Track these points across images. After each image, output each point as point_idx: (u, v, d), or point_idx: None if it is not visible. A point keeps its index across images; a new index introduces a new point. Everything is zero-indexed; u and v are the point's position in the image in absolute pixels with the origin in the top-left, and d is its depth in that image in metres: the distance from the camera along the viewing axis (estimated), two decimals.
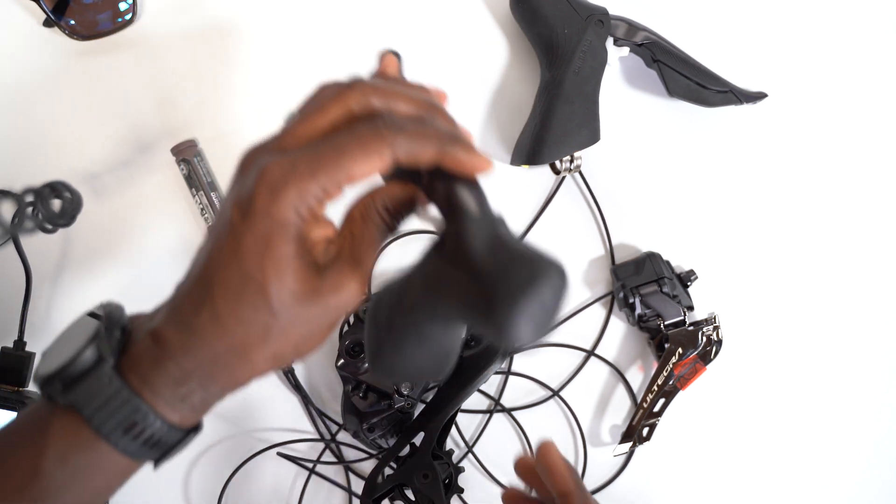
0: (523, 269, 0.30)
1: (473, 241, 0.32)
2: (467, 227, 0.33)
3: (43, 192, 0.50)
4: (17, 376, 0.56)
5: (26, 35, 0.61)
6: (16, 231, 0.51)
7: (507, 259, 0.31)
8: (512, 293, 0.30)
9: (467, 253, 0.32)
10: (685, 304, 0.61)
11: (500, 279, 0.30)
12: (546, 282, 0.30)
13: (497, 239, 0.32)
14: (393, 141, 0.34)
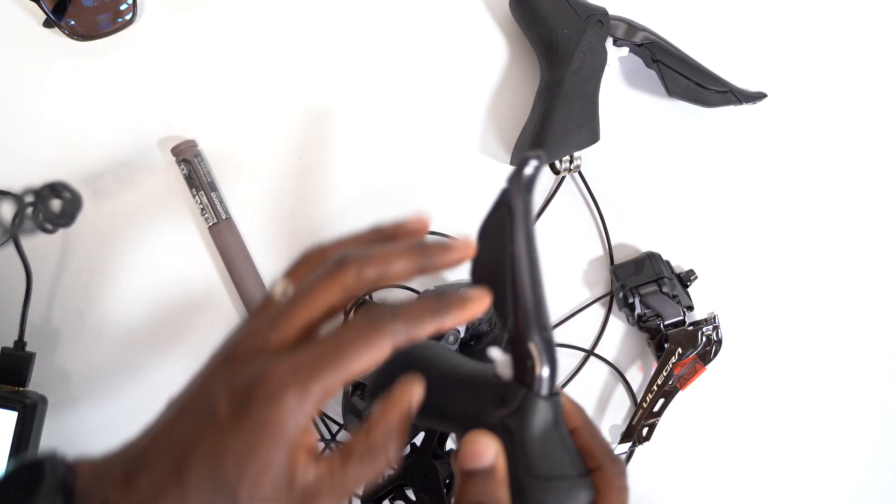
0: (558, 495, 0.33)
1: (528, 438, 0.34)
2: (528, 420, 0.34)
3: (43, 192, 0.50)
4: (17, 376, 0.56)
5: (26, 35, 0.61)
6: (16, 231, 0.51)
7: (552, 473, 0.33)
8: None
9: (520, 442, 0.34)
10: (685, 304, 0.61)
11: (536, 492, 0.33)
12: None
13: (549, 445, 0.34)
14: (392, 329, 0.33)
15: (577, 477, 0.34)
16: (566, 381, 0.63)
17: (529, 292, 0.34)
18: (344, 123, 0.62)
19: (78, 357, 0.60)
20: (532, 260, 0.34)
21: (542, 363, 0.34)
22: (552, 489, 0.33)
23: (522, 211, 0.35)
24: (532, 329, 0.34)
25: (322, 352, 0.33)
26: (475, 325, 0.57)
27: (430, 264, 0.35)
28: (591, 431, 0.38)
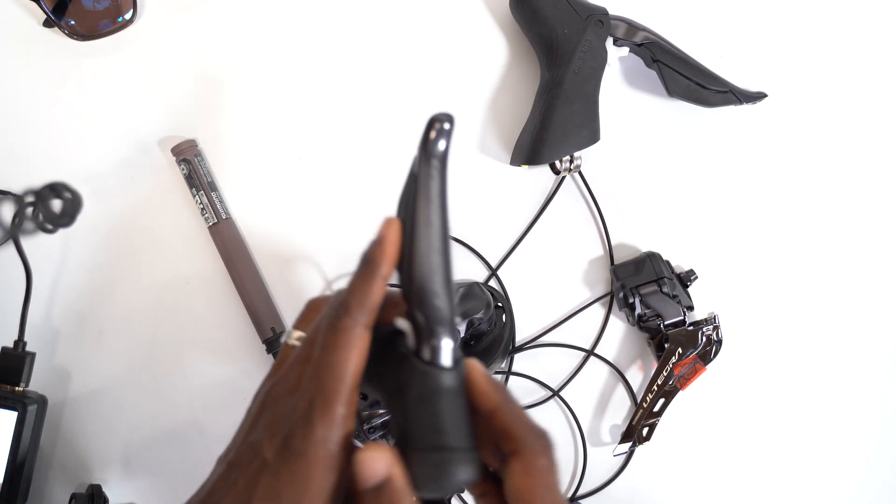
0: (429, 463, 0.32)
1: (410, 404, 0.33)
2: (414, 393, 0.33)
3: (43, 192, 0.50)
4: (17, 376, 0.56)
5: (26, 35, 0.61)
6: (16, 232, 0.51)
7: (425, 444, 0.32)
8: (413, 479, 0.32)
9: (403, 409, 0.33)
10: (685, 304, 0.61)
11: (413, 451, 0.32)
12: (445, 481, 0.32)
13: (432, 411, 0.33)
14: (351, 320, 0.34)
15: (453, 450, 0.32)
16: (567, 382, 0.63)
17: (423, 258, 0.33)
18: (344, 123, 0.62)
19: (78, 357, 0.60)
20: (429, 224, 0.33)
21: (428, 331, 0.33)
22: (424, 462, 0.32)
23: (425, 176, 0.34)
24: (422, 295, 0.33)
25: (318, 375, 0.34)
26: (475, 325, 0.57)
27: (381, 267, 0.35)
28: (511, 410, 0.35)
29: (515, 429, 0.34)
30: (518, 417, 0.34)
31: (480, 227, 0.63)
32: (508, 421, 0.34)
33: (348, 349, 0.34)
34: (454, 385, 0.33)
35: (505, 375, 0.63)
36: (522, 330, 0.63)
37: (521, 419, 0.34)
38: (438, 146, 0.33)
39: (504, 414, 0.34)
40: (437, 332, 0.33)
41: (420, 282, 0.33)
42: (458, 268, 0.63)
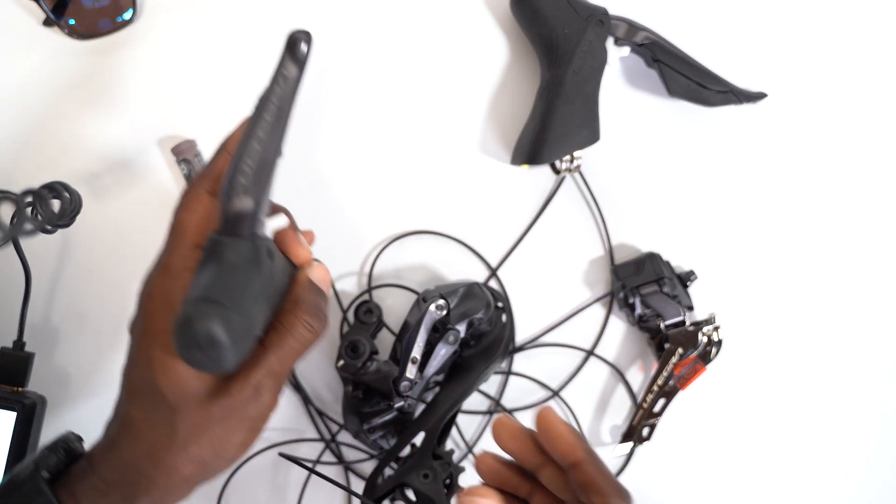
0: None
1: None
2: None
3: (42, 192, 0.50)
4: (16, 377, 0.56)
5: (26, 35, 0.61)
6: (15, 233, 0.51)
7: (191, 296, 0.34)
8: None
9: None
10: (685, 304, 0.61)
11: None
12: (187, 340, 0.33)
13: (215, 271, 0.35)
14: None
15: (211, 302, 0.33)
16: (567, 382, 0.63)
17: (242, 140, 0.36)
18: (344, 122, 0.62)
19: (78, 357, 0.61)
20: (258, 114, 0.36)
21: (222, 203, 0.36)
22: (184, 308, 0.33)
23: (276, 76, 0.37)
24: (228, 171, 0.36)
25: (169, 230, 0.41)
26: (475, 325, 0.57)
27: (224, 146, 0.41)
28: (596, 464, 0.39)
29: (601, 484, 0.38)
30: (603, 472, 0.38)
31: (480, 227, 0.63)
32: (594, 475, 0.38)
33: (189, 209, 0.39)
34: (241, 255, 0.35)
35: (505, 375, 0.63)
36: (522, 330, 0.63)
37: (605, 474, 0.38)
38: (299, 52, 0.36)
39: (589, 467, 0.38)
40: (228, 204, 0.36)
41: (234, 163, 0.36)
42: (459, 268, 0.63)
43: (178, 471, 0.39)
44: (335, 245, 0.62)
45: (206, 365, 0.34)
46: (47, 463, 0.40)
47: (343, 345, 0.56)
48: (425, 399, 0.59)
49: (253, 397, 0.39)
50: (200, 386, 0.38)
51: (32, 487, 0.39)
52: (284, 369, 0.40)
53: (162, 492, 0.39)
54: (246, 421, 0.39)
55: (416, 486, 0.55)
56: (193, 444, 0.38)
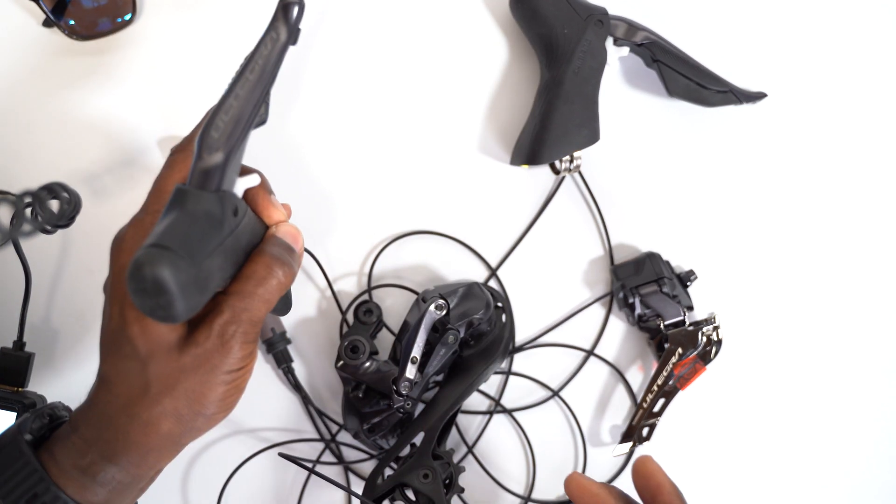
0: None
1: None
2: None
3: (41, 193, 0.50)
4: (16, 377, 0.56)
5: (25, 35, 0.61)
6: (15, 234, 0.51)
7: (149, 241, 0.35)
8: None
9: None
10: (685, 304, 0.61)
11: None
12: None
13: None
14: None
15: (161, 247, 0.33)
16: (567, 382, 0.63)
17: (221, 98, 0.37)
18: (343, 123, 0.62)
19: (78, 357, 0.61)
20: (241, 74, 0.37)
21: (195, 157, 0.36)
22: (140, 251, 0.33)
23: (264, 37, 0.38)
24: (203, 124, 0.36)
25: (150, 190, 0.43)
26: (475, 325, 0.57)
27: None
28: (678, 496, 0.44)
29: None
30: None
31: (480, 227, 0.63)
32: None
33: (170, 167, 0.41)
34: (202, 206, 0.36)
35: (505, 376, 0.63)
36: (522, 330, 0.63)
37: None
38: (291, 13, 0.37)
39: (674, 499, 0.43)
40: (198, 156, 0.36)
41: (210, 118, 0.36)
42: (458, 268, 0.63)
43: (155, 426, 0.38)
44: (335, 245, 0.62)
45: (156, 313, 0.33)
46: (30, 427, 0.40)
47: (343, 345, 0.56)
48: (425, 399, 0.59)
49: (220, 346, 0.38)
50: (170, 335, 0.38)
51: (14, 449, 0.39)
52: (251, 317, 0.39)
53: (142, 450, 0.39)
54: (220, 374, 0.39)
55: (415, 486, 0.55)
56: (167, 396, 0.38)
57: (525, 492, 0.63)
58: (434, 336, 0.57)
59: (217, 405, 0.40)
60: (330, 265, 0.62)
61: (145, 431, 0.38)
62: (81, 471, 0.38)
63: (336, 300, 0.62)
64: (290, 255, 0.42)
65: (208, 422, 0.40)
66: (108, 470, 0.39)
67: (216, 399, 0.40)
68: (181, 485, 0.61)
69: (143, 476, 0.40)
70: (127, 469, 0.39)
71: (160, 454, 0.40)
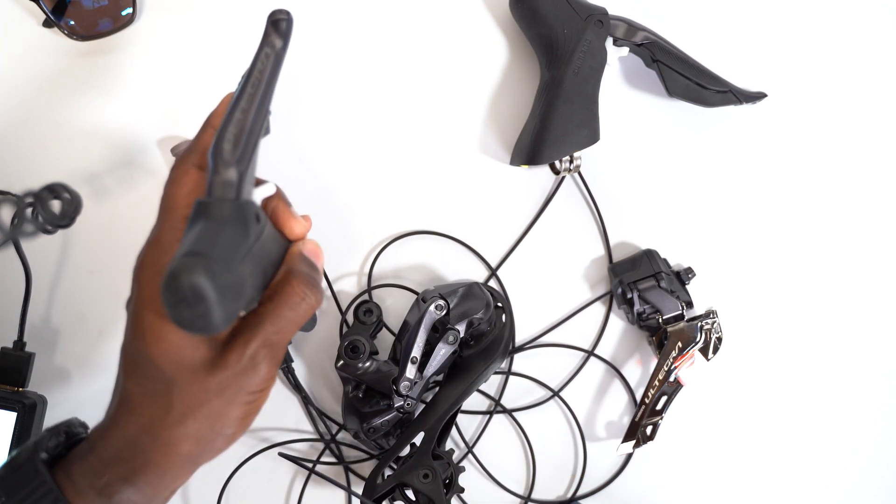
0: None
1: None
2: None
3: (42, 193, 0.50)
4: (16, 377, 0.56)
5: (25, 35, 0.61)
6: (15, 234, 0.51)
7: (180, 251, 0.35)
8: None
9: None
10: (684, 300, 0.60)
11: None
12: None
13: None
14: None
15: (194, 254, 0.34)
16: (567, 382, 0.63)
17: (228, 112, 0.38)
18: (344, 123, 0.62)
19: (78, 357, 0.61)
20: (243, 89, 0.39)
21: (211, 170, 0.37)
22: (170, 263, 0.34)
23: (260, 52, 0.39)
24: (216, 139, 0.38)
25: (160, 204, 0.42)
26: (475, 325, 0.57)
27: (210, 121, 0.43)
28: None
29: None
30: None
31: (480, 227, 0.63)
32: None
33: (177, 183, 0.40)
34: (226, 214, 0.36)
35: (505, 375, 0.63)
36: (522, 330, 0.63)
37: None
38: (281, 26, 0.39)
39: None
40: (214, 169, 0.37)
41: (219, 131, 0.38)
42: (458, 268, 0.63)
43: (176, 447, 0.38)
44: (335, 245, 0.62)
45: (195, 323, 0.33)
46: (46, 444, 0.40)
47: (343, 345, 0.56)
48: (425, 399, 0.59)
49: (250, 368, 0.38)
50: (196, 357, 0.38)
51: (30, 468, 0.39)
52: (281, 339, 0.39)
53: (160, 470, 0.39)
54: (244, 395, 0.39)
55: (415, 486, 0.55)
56: (191, 418, 0.38)
57: (525, 492, 0.63)
58: (434, 336, 0.57)
59: (236, 425, 0.40)
60: (330, 265, 0.62)
61: (166, 452, 0.38)
62: (98, 492, 0.38)
63: (336, 301, 0.62)
64: (316, 273, 0.42)
65: (227, 442, 0.40)
66: (124, 491, 0.38)
67: (236, 418, 0.39)
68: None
69: (157, 497, 0.40)
70: (143, 490, 0.39)
71: (177, 475, 0.40)
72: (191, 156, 0.41)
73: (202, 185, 0.40)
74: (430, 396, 0.59)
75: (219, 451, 0.40)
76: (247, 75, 0.39)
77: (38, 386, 0.59)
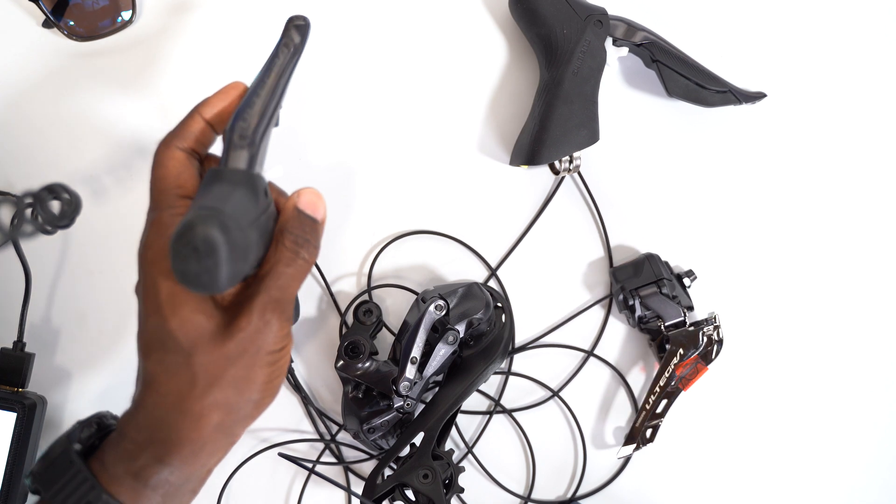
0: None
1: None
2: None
3: (41, 194, 0.50)
4: (16, 377, 0.56)
5: (25, 36, 0.61)
6: (15, 234, 0.51)
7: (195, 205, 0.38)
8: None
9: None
10: (685, 305, 0.60)
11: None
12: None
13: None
14: None
15: (208, 208, 0.35)
16: (566, 382, 0.63)
17: (247, 97, 0.41)
18: (344, 123, 0.62)
19: (78, 357, 0.61)
20: (262, 79, 0.42)
21: (227, 143, 0.40)
22: (190, 211, 0.36)
23: (280, 45, 0.43)
24: (234, 118, 0.40)
25: (149, 189, 0.43)
26: (475, 325, 0.57)
27: (198, 109, 0.44)
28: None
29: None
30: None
31: (480, 227, 0.63)
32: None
33: (164, 165, 0.41)
34: (239, 180, 0.39)
35: (505, 376, 0.63)
36: (522, 330, 0.63)
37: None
38: (299, 23, 0.43)
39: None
40: (232, 145, 0.40)
41: (238, 110, 0.40)
42: (458, 268, 0.63)
43: (206, 419, 0.38)
44: (335, 245, 0.62)
45: (200, 278, 0.33)
46: (79, 436, 0.40)
47: (342, 345, 0.56)
48: (425, 399, 0.59)
49: (262, 327, 0.39)
50: (211, 325, 0.38)
51: (64, 459, 0.39)
52: (285, 296, 0.40)
53: (195, 446, 0.39)
54: (263, 355, 0.39)
55: (415, 486, 0.55)
56: (216, 387, 0.38)
57: (525, 492, 0.63)
58: (434, 336, 0.57)
59: (263, 389, 0.40)
60: (330, 265, 0.62)
61: (197, 426, 0.38)
62: (133, 476, 0.38)
63: (335, 303, 0.62)
64: (311, 229, 0.42)
65: (257, 408, 0.41)
66: (160, 472, 0.38)
67: (262, 382, 0.40)
68: None
69: (194, 475, 0.40)
70: (180, 469, 0.39)
71: (213, 449, 0.40)
72: (175, 139, 0.42)
73: (189, 166, 0.42)
74: (429, 396, 0.59)
75: (250, 417, 0.41)
76: (265, 67, 0.42)
77: (38, 386, 0.59)
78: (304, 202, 0.43)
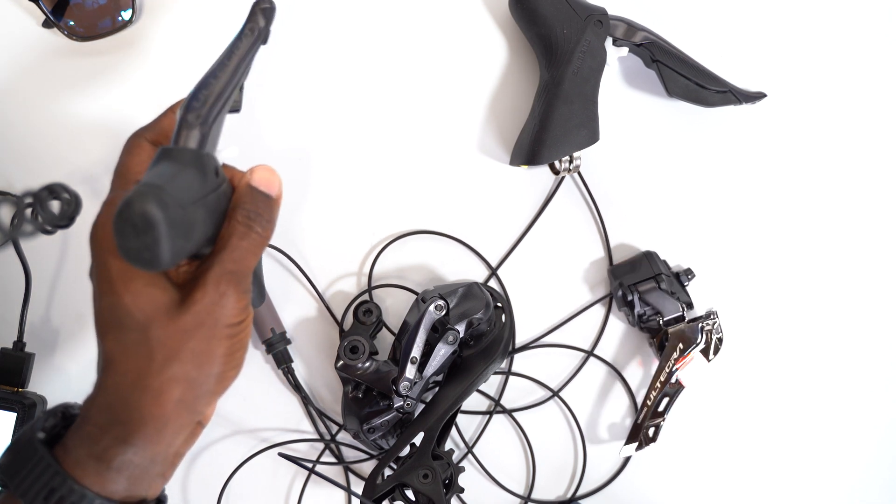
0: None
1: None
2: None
3: (41, 194, 0.50)
4: (16, 377, 0.56)
5: (25, 36, 0.61)
6: (15, 234, 0.51)
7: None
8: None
9: None
10: (684, 301, 0.60)
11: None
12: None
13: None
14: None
15: (147, 184, 0.35)
16: (567, 382, 0.63)
17: (203, 78, 0.41)
18: (343, 123, 0.62)
19: (77, 357, 0.61)
20: (221, 61, 0.42)
21: (178, 123, 0.40)
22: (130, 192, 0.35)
23: (245, 29, 0.44)
24: (188, 99, 0.40)
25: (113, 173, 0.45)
26: (475, 325, 0.57)
27: (172, 106, 0.45)
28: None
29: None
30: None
31: (480, 227, 0.63)
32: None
33: (130, 153, 0.43)
34: (187, 159, 0.39)
35: (505, 376, 0.63)
36: (522, 330, 0.63)
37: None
38: (265, 6, 0.45)
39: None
40: (184, 123, 0.40)
41: (193, 91, 0.40)
42: (458, 268, 0.63)
43: (167, 394, 0.38)
44: (335, 245, 0.62)
45: (141, 254, 0.33)
46: (43, 425, 0.40)
47: (342, 345, 0.56)
48: (425, 399, 0.59)
49: (218, 299, 0.39)
50: (165, 298, 0.38)
51: (29, 448, 0.39)
52: (240, 268, 0.40)
53: (157, 423, 0.38)
54: (221, 328, 0.39)
55: (415, 486, 0.55)
56: (175, 360, 0.38)
57: (525, 492, 0.63)
58: (434, 336, 0.57)
59: (223, 362, 0.40)
60: (329, 265, 0.62)
61: (158, 402, 0.38)
62: (97, 459, 0.38)
63: (329, 310, 0.62)
64: (265, 204, 0.42)
65: (219, 382, 0.40)
66: (124, 453, 0.38)
67: (222, 355, 0.39)
68: (181, 485, 0.62)
69: (159, 455, 0.40)
70: (144, 449, 0.39)
71: (177, 427, 0.40)
72: (146, 132, 0.44)
73: (148, 153, 0.43)
74: (429, 396, 0.59)
75: (214, 393, 0.40)
76: (227, 50, 0.43)
77: (38, 386, 0.59)
78: (257, 179, 0.43)
